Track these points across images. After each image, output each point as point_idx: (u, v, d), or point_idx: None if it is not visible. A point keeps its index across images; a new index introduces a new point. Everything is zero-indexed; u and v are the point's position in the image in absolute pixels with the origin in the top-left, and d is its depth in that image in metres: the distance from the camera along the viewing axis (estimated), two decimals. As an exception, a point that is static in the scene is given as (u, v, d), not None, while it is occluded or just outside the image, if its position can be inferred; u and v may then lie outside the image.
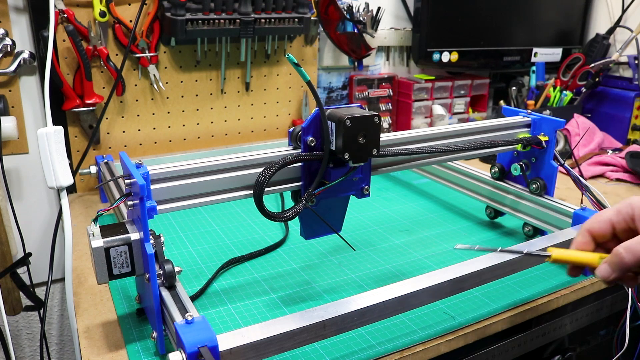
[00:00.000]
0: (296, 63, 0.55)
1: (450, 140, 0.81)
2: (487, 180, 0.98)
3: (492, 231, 0.97)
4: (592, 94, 1.53)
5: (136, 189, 0.55)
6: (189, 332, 0.50)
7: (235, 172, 0.65)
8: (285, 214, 0.63)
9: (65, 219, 0.76)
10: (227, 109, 1.22)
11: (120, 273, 0.58)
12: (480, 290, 0.76)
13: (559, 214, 0.85)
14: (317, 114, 0.63)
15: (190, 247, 0.89)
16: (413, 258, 0.87)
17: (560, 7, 1.57)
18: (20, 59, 0.97)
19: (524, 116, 0.89)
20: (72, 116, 1.06)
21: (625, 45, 1.48)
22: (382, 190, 1.17)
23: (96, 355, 0.62)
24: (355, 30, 1.28)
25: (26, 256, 0.99)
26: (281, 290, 0.77)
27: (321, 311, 0.56)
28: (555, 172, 0.87)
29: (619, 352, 0.80)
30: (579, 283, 0.79)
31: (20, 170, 1.05)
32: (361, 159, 0.63)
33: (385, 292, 0.60)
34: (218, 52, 1.16)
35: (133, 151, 1.14)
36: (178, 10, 1.03)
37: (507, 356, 0.78)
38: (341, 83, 1.38)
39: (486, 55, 1.47)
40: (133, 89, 1.10)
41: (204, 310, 0.71)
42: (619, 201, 0.57)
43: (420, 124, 1.43)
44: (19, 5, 0.98)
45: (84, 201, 1.07)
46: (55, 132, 0.75)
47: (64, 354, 1.25)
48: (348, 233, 0.95)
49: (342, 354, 0.63)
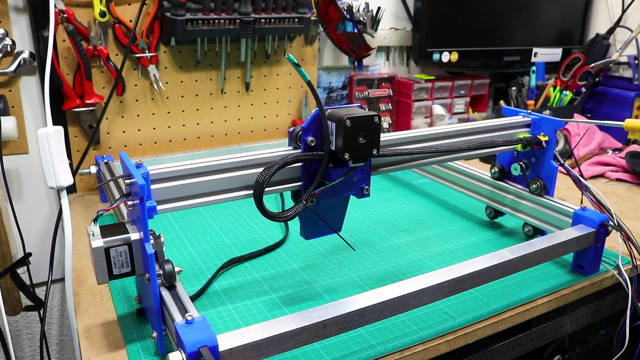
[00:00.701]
0: (296, 63, 0.55)
1: (450, 140, 0.81)
2: (487, 180, 0.98)
3: (492, 231, 0.97)
4: (592, 94, 1.53)
5: (136, 189, 0.55)
6: (189, 332, 0.50)
7: (235, 172, 0.65)
8: (285, 214, 0.63)
9: (65, 219, 0.76)
10: (227, 109, 1.22)
11: (120, 273, 0.58)
12: (480, 290, 0.76)
13: (559, 214, 0.85)
14: (317, 114, 0.63)
15: (190, 247, 0.89)
16: (413, 258, 0.87)
17: (560, 7, 1.57)
18: (20, 59, 0.97)
19: (524, 116, 0.89)
20: (72, 116, 1.06)
21: (625, 45, 1.48)
22: (382, 190, 1.17)
23: (96, 355, 0.62)
24: (355, 30, 1.28)
25: (26, 256, 0.99)
26: (281, 290, 0.77)
27: (321, 311, 0.56)
28: (555, 172, 0.87)
29: (619, 352, 0.80)
30: (579, 283, 0.79)
31: (20, 170, 1.05)
32: (361, 159, 0.63)
33: (385, 292, 0.60)
34: (218, 52, 1.16)
35: (133, 151, 1.14)
36: (178, 10, 1.03)
37: (507, 356, 0.78)
38: (341, 83, 1.38)
39: (486, 55, 1.47)
40: (133, 89, 1.10)
41: (204, 310, 0.71)
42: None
43: (420, 124, 1.43)
44: (19, 5, 0.98)
45: (84, 201, 1.07)
46: (55, 132, 0.75)
47: (64, 354, 1.25)
48: (348, 233, 0.95)
49: (342, 354, 0.63)
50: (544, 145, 0.86)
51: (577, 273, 0.82)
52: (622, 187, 1.19)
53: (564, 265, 0.84)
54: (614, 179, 1.24)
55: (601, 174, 1.26)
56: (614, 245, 0.87)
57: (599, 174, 1.26)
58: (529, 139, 0.85)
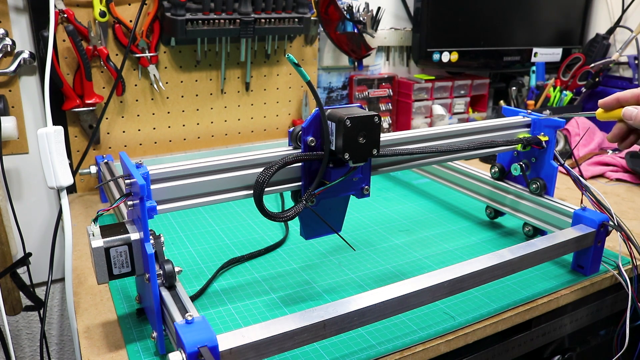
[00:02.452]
0: (296, 63, 0.55)
1: (450, 140, 0.81)
2: (487, 180, 0.98)
3: (492, 231, 0.97)
4: (592, 94, 1.53)
5: (136, 189, 0.55)
6: (189, 332, 0.50)
7: (235, 172, 0.65)
8: (285, 214, 0.63)
9: (65, 219, 0.76)
10: (227, 109, 1.22)
11: (120, 273, 0.58)
12: (480, 290, 0.76)
13: (559, 214, 0.85)
14: (317, 114, 0.63)
15: (190, 247, 0.89)
16: (413, 258, 0.87)
17: (560, 7, 1.57)
18: (20, 59, 0.97)
19: (524, 116, 0.89)
20: (72, 116, 1.06)
21: (625, 45, 1.48)
22: (382, 190, 1.17)
23: (96, 355, 0.62)
24: (355, 30, 1.28)
25: (26, 256, 0.99)
26: (281, 290, 0.77)
27: (321, 311, 0.56)
28: (555, 172, 0.87)
29: (619, 352, 0.80)
30: (579, 283, 0.79)
31: (20, 170, 1.05)
32: (361, 159, 0.63)
33: (385, 292, 0.60)
34: (218, 52, 1.16)
35: (133, 151, 1.14)
36: (178, 10, 1.03)
37: (507, 356, 0.78)
38: (341, 83, 1.38)
39: (486, 55, 1.46)
40: (133, 89, 1.10)
41: (204, 310, 0.71)
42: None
43: (420, 124, 1.43)
44: (19, 5, 0.98)
45: (84, 201, 1.07)
46: (55, 132, 0.75)
47: (64, 354, 1.25)
48: (348, 233, 0.95)
49: (342, 354, 0.63)
50: (544, 145, 0.86)
51: (577, 273, 0.82)
52: (622, 187, 1.19)
53: (564, 265, 0.84)
54: (614, 179, 1.24)
55: (601, 174, 1.26)
56: (614, 245, 0.87)
57: (599, 174, 1.26)
58: (529, 139, 0.85)
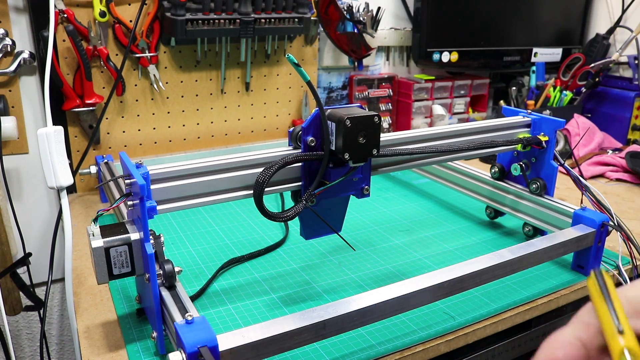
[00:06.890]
0: (296, 63, 0.55)
1: (450, 140, 0.81)
2: (487, 180, 0.98)
3: (492, 231, 0.97)
4: (592, 94, 1.53)
5: (136, 189, 0.55)
6: (189, 332, 0.50)
7: (235, 172, 0.65)
8: (285, 214, 0.63)
9: (65, 219, 0.76)
10: (227, 109, 1.22)
11: (120, 273, 0.58)
12: (480, 290, 0.76)
13: (559, 214, 0.85)
14: (317, 114, 0.63)
15: (190, 247, 0.89)
16: (413, 258, 0.87)
17: (560, 7, 1.57)
18: (20, 59, 0.97)
19: (524, 116, 0.89)
20: (72, 116, 1.06)
21: (625, 45, 1.48)
22: (382, 190, 1.17)
23: (96, 355, 0.62)
24: (355, 30, 1.28)
25: (26, 256, 0.99)
26: (281, 290, 0.77)
27: (321, 311, 0.56)
28: (555, 172, 0.87)
29: (619, 352, 0.80)
30: (578, 283, 0.79)
31: (20, 170, 1.05)
32: (361, 159, 0.63)
33: (385, 292, 0.60)
34: (218, 52, 1.16)
35: (133, 151, 1.14)
36: (178, 10, 1.03)
37: (507, 356, 0.78)
38: (341, 83, 1.38)
39: (486, 55, 1.46)
40: (133, 89, 1.10)
41: (204, 310, 0.71)
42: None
43: (420, 124, 1.43)
44: (19, 5, 0.98)
45: (84, 201, 1.07)
46: (55, 132, 0.75)
47: (64, 354, 1.25)
48: (348, 233, 0.95)
49: (342, 354, 0.63)
50: (544, 145, 0.86)
51: (577, 273, 0.81)
52: (622, 187, 1.19)
53: (564, 265, 0.84)
54: (614, 179, 1.24)
55: (601, 174, 1.26)
56: (614, 245, 0.87)
57: (599, 174, 1.26)
58: (529, 139, 0.85)
